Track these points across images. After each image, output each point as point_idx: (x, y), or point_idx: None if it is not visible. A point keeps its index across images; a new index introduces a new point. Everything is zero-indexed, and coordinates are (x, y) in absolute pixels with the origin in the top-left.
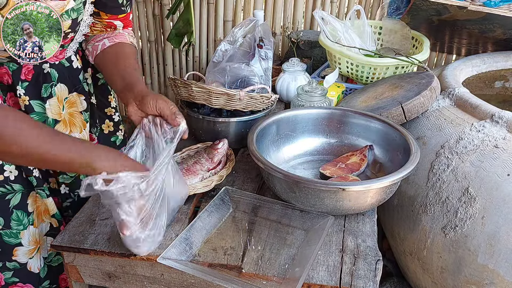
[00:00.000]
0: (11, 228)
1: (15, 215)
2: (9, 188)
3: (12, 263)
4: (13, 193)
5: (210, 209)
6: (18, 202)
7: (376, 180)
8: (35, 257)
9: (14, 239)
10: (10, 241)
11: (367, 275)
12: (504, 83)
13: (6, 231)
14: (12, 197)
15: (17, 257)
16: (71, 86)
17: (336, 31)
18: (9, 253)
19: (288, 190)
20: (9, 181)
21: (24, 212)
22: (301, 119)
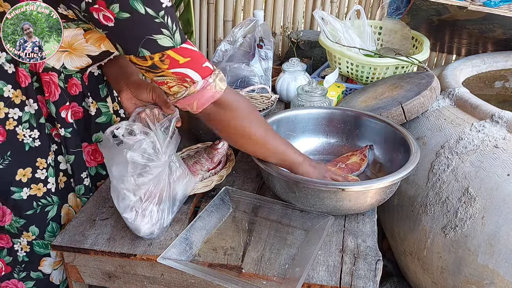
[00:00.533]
0: (44, 239)
1: (50, 227)
2: (49, 200)
3: (36, 273)
4: (52, 205)
5: (210, 209)
6: (55, 214)
7: (375, 181)
8: (59, 269)
9: (44, 249)
10: (40, 251)
11: (367, 275)
12: (504, 83)
13: (38, 242)
14: (51, 209)
15: (43, 268)
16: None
17: (336, 31)
18: (36, 263)
19: (288, 190)
20: (51, 193)
21: (58, 224)
22: (301, 119)
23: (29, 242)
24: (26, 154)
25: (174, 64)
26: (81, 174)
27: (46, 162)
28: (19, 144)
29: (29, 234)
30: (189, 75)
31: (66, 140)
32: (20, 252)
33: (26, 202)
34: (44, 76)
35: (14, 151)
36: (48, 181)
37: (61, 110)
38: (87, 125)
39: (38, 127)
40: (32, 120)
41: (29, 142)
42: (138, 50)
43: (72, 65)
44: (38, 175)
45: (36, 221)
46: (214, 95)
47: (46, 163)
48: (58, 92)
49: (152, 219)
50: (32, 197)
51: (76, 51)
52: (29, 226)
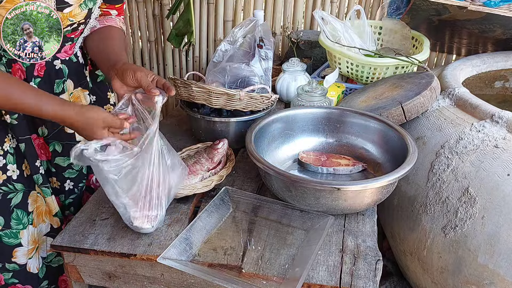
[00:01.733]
0: (11, 227)
1: (15, 214)
2: (11, 187)
3: (11, 265)
4: (14, 192)
5: (210, 209)
6: (19, 202)
7: (372, 180)
8: (34, 257)
9: (14, 239)
10: (10, 242)
11: (367, 275)
12: (504, 83)
13: (6, 231)
14: (14, 196)
15: (17, 259)
16: (77, 81)
17: (336, 31)
18: (9, 255)
19: (285, 189)
20: (12, 180)
21: (24, 211)
22: (300, 119)
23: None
24: None
25: None
26: (35, 163)
27: (2, 149)
28: None
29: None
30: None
31: (14, 127)
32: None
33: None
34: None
35: None
36: (8, 168)
37: None
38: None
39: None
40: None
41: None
42: None
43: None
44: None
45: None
46: None
47: (2, 149)
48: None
49: (151, 210)
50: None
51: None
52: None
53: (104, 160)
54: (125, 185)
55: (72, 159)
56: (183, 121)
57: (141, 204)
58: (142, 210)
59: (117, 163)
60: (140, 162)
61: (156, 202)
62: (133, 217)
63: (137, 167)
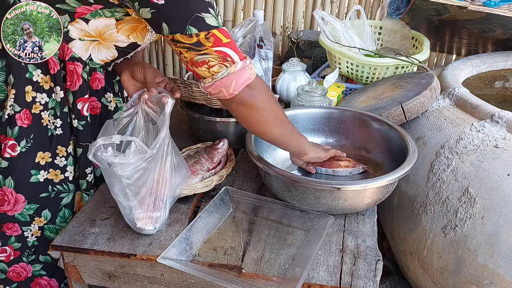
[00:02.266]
0: (55, 224)
1: (63, 213)
2: (65, 188)
3: (44, 257)
4: (67, 192)
5: (210, 209)
6: (69, 202)
7: (372, 180)
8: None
9: (54, 234)
10: (50, 236)
11: (367, 275)
12: (504, 83)
13: (49, 226)
14: (66, 196)
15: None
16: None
17: (336, 31)
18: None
19: (285, 189)
20: (68, 181)
21: (71, 210)
22: (300, 119)
23: (40, 227)
24: (48, 139)
25: (218, 42)
26: (86, 169)
27: (66, 151)
28: (42, 128)
29: (41, 219)
30: (230, 55)
31: (78, 132)
32: (30, 238)
33: (41, 185)
34: (69, 65)
35: (37, 134)
36: (67, 169)
37: (78, 102)
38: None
39: (61, 116)
40: (57, 108)
41: (52, 129)
42: (186, 28)
43: (99, 57)
44: (57, 162)
45: (50, 205)
46: (250, 77)
47: (66, 151)
48: (79, 83)
49: (156, 211)
50: (48, 181)
51: (105, 41)
52: (42, 211)
53: (120, 163)
54: (136, 188)
55: (90, 154)
56: (183, 121)
57: (146, 205)
58: (146, 211)
59: (132, 166)
60: (152, 165)
61: (160, 204)
62: (137, 218)
63: (148, 171)
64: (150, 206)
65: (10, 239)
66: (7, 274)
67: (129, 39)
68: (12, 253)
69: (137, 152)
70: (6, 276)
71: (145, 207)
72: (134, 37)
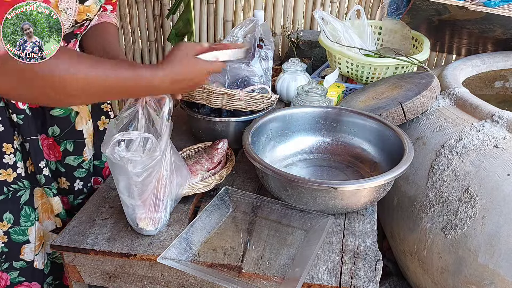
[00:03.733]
0: (20, 225)
1: (24, 211)
2: (20, 185)
3: (19, 262)
4: (23, 189)
5: (210, 209)
6: (27, 199)
7: (368, 180)
8: (40, 253)
9: (22, 236)
10: (18, 239)
11: (367, 275)
12: (504, 83)
13: (15, 229)
14: (23, 193)
15: (25, 256)
16: None
17: (336, 31)
18: (17, 252)
19: (282, 189)
20: (21, 178)
21: (32, 207)
22: (297, 118)
23: (6, 232)
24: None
25: None
26: (39, 164)
27: (12, 147)
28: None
29: (4, 223)
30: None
31: (20, 126)
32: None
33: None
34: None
35: None
36: (17, 165)
37: None
38: (43, 116)
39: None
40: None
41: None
42: None
43: None
44: (6, 160)
45: (9, 207)
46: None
47: (12, 147)
48: None
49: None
50: (2, 183)
51: None
52: (3, 214)
53: (133, 160)
54: (142, 187)
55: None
56: (183, 121)
57: (148, 206)
58: (148, 212)
59: (143, 164)
60: (158, 166)
61: (161, 205)
62: (139, 218)
63: (154, 171)
64: (152, 206)
65: None
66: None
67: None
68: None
69: (152, 150)
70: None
71: (147, 207)
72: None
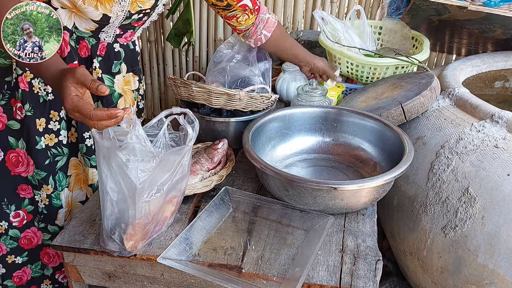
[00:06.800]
0: (57, 189)
1: (57, 176)
2: (60, 151)
3: (53, 227)
4: (61, 156)
5: (210, 209)
6: (63, 165)
7: (368, 180)
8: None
9: (58, 200)
10: (56, 204)
11: (367, 275)
12: (504, 83)
13: (56, 193)
14: (60, 159)
15: (58, 221)
16: (129, 66)
17: (336, 31)
18: (54, 217)
19: (282, 189)
20: (62, 145)
21: (65, 174)
22: (297, 118)
23: (48, 196)
24: (41, 105)
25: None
26: (84, 134)
27: (58, 115)
28: (35, 95)
29: (48, 187)
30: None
31: None
32: (40, 203)
33: (44, 152)
34: None
35: (32, 101)
36: (60, 133)
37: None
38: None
39: None
40: None
41: (43, 96)
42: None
43: (82, 26)
44: (51, 126)
45: (52, 172)
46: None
47: (58, 116)
48: (67, 50)
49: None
50: (47, 147)
51: (79, 13)
52: (48, 178)
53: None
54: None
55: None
56: None
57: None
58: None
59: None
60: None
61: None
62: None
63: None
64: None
65: (24, 201)
66: (19, 242)
67: (98, 10)
68: (25, 216)
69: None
70: (18, 243)
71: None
72: (103, 9)
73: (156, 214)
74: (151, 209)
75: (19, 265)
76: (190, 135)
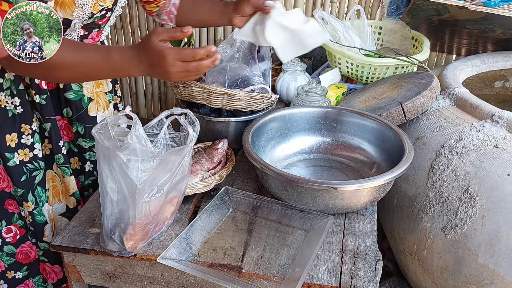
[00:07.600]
0: (39, 205)
1: (37, 192)
2: (36, 165)
3: (43, 244)
4: (39, 170)
5: (210, 209)
6: (41, 179)
7: (368, 179)
8: (54, 236)
9: (42, 216)
10: (40, 220)
11: (367, 275)
12: (504, 83)
13: (37, 210)
14: (38, 174)
15: (46, 237)
16: None
17: (336, 31)
18: (40, 233)
19: (282, 189)
20: (38, 158)
21: (43, 188)
22: (297, 118)
23: (30, 213)
24: (10, 120)
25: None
26: (59, 143)
27: (30, 128)
28: (2, 110)
29: (29, 204)
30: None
31: (41, 107)
32: (26, 219)
33: (19, 168)
34: None
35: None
36: (35, 146)
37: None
38: (59, 97)
39: (18, 94)
40: (13, 87)
41: (12, 109)
42: None
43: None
44: (23, 141)
45: (30, 188)
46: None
47: (30, 129)
48: None
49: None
50: (22, 163)
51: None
52: (27, 195)
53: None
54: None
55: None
56: None
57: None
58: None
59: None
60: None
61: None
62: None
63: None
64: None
65: (14, 216)
66: (16, 257)
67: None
68: (17, 231)
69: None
70: (15, 259)
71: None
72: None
73: (156, 214)
74: (151, 209)
75: (20, 279)
76: (191, 136)
